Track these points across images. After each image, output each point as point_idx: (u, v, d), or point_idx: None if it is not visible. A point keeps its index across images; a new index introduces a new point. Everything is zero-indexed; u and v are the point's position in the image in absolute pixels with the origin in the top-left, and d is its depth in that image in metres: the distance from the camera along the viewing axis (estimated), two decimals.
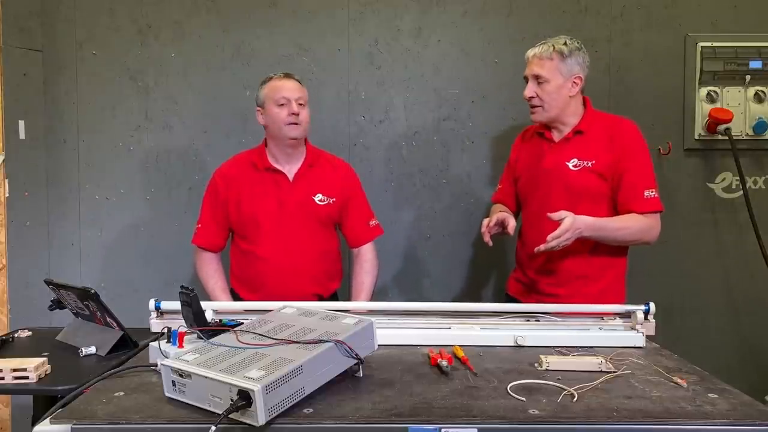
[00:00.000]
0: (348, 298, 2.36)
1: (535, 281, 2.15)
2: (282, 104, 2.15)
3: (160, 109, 2.76)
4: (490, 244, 2.05)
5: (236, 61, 2.75)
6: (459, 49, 2.77)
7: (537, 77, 2.05)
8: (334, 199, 2.24)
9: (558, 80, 2.04)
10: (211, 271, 2.30)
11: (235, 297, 2.30)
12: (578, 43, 2.08)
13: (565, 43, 2.05)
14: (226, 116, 2.76)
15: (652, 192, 2.02)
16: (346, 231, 2.33)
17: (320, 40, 2.75)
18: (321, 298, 2.22)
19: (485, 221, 2.05)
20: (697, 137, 2.74)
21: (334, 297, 2.31)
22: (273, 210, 2.20)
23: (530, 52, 2.09)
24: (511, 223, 2.04)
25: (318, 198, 2.22)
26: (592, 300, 1.98)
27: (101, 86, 2.74)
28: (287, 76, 2.21)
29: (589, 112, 2.12)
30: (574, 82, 2.06)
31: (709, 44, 2.70)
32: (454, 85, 2.77)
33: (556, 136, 2.13)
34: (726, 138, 2.66)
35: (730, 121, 2.64)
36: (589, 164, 2.04)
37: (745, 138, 2.71)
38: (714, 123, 2.67)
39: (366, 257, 2.33)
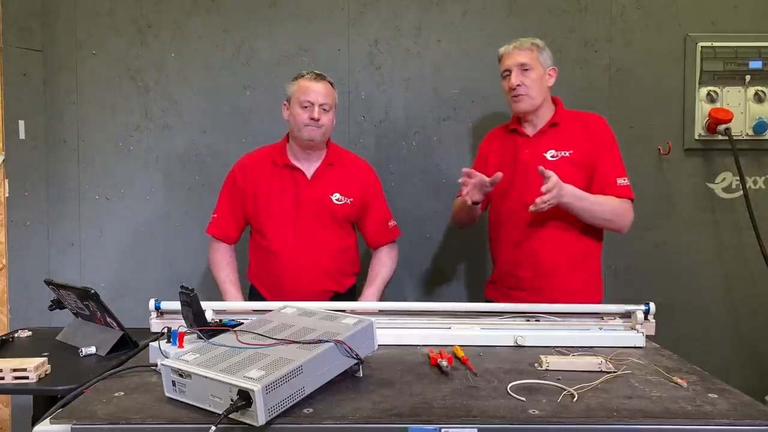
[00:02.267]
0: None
1: (516, 276, 2.17)
2: (305, 106, 2.15)
3: (160, 109, 2.76)
4: (469, 201, 2.08)
5: (236, 61, 2.75)
6: (459, 49, 2.77)
7: (522, 65, 2.12)
8: (351, 200, 2.25)
9: (539, 70, 2.14)
10: (223, 262, 2.30)
11: (254, 291, 2.31)
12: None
13: (535, 39, 2.16)
14: (226, 116, 2.76)
15: (624, 180, 2.11)
16: (365, 232, 2.35)
17: (320, 40, 2.75)
18: (337, 294, 2.23)
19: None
20: (697, 137, 2.74)
21: (350, 292, 2.29)
22: (289, 207, 2.21)
23: (507, 47, 2.17)
24: (488, 178, 2.05)
25: (335, 197, 2.23)
26: (575, 294, 2.05)
27: (101, 86, 2.74)
28: (318, 77, 2.19)
29: (560, 108, 2.20)
30: (549, 74, 2.16)
31: (709, 44, 2.70)
32: (454, 85, 2.77)
33: (530, 131, 2.19)
34: (726, 138, 2.66)
35: (730, 121, 2.64)
36: (567, 154, 2.12)
37: (745, 138, 2.71)
38: (714, 123, 2.67)
39: (385, 254, 2.35)
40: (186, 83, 2.75)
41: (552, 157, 2.12)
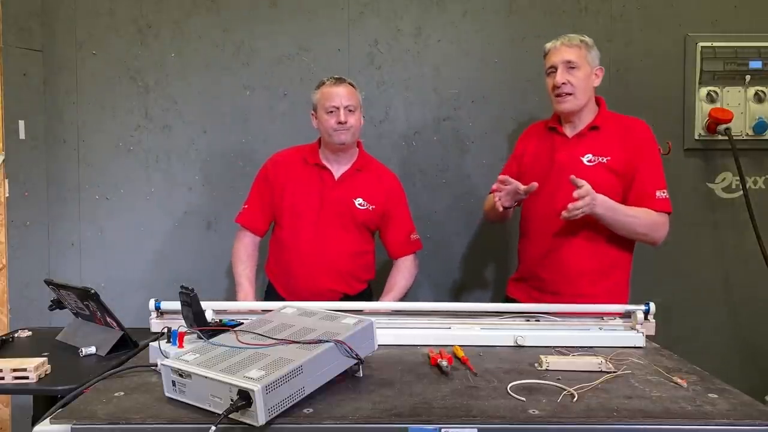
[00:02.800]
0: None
1: (540, 278, 2.13)
2: (331, 111, 2.18)
3: (160, 109, 2.76)
4: (500, 208, 2.04)
5: (236, 61, 2.75)
6: (459, 49, 2.77)
7: (568, 62, 2.04)
8: (374, 207, 2.27)
9: (586, 69, 2.06)
10: (244, 255, 2.32)
11: (270, 288, 2.35)
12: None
13: (584, 36, 2.09)
14: (226, 116, 2.76)
15: (663, 193, 2.04)
16: (387, 242, 2.36)
17: (320, 40, 2.75)
18: (347, 297, 2.24)
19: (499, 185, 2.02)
20: (697, 137, 2.74)
21: (361, 296, 2.30)
22: (313, 204, 2.24)
23: (555, 42, 2.09)
24: (522, 186, 2.00)
25: (358, 202, 2.25)
26: (597, 300, 1.97)
27: (101, 86, 2.74)
28: (338, 81, 2.22)
29: (603, 110, 2.13)
30: (596, 73, 2.09)
31: (709, 44, 2.70)
32: (454, 85, 2.77)
33: (569, 132, 2.13)
34: (726, 138, 2.66)
35: (730, 121, 2.64)
36: (604, 160, 2.05)
37: (745, 138, 2.71)
38: (714, 123, 2.67)
39: (406, 265, 2.35)
40: (186, 83, 2.75)
41: (589, 161, 2.05)
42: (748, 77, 2.69)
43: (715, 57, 2.69)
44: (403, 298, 2.34)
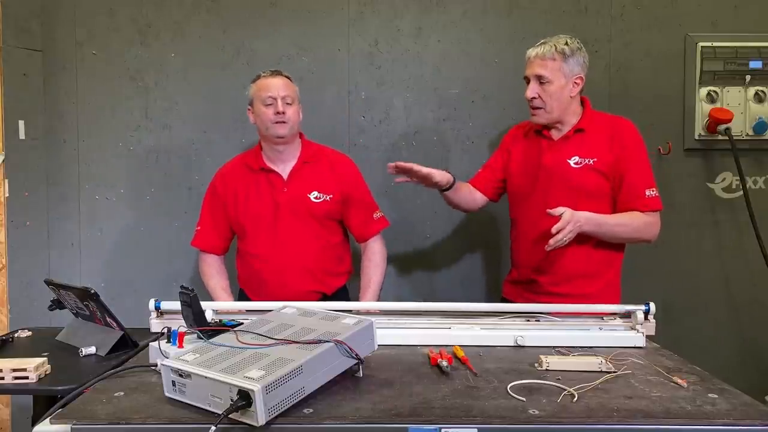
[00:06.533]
0: (358, 295, 2.33)
1: (534, 280, 2.14)
2: (269, 103, 2.14)
3: (160, 109, 2.76)
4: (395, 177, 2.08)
5: (236, 61, 2.75)
6: (459, 49, 2.77)
7: (539, 77, 2.03)
8: (331, 196, 2.23)
9: (560, 81, 2.03)
10: (212, 271, 2.30)
11: (243, 298, 2.31)
12: (578, 42, 2.08)
13: (566, 43, 2.03)
14: (226, 116, 2.76)
15: (653, 191, 2.04)
16: (351, 226, 2.32)
17: (320, 40, 2.75)
18: (324, 296, 2.22)
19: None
20: (697, 137, 2.74)
21: (340, 293, 2.28)
22: (268, 210, 2.20)
23: (531, 52, 2.07)
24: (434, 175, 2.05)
25: (313, 195, 2.21)
26: (591, 299, 1.98)
27: (101, 86, 2.74)
28: (275, 73, 2.20)
29: (587, 111, 2.12)
30: (575, 82, 2.05)
31: (709, 44, 2.70)
32: (454, 85, 2.77)
33: (555, 135, 2.12)
34: (726, 138, 2.66)
35: (730, 121, 2.64)
36: (591, 162, 2.04)
37: (745, 138, 2.71)
38: (714, 123, 2.67)
39: (374, 250, 2.31)
40: (186, 83, 2.75)
41: (576, 164, 2.05)
42: (748, 77, 2.69)
43: (715, 57, 2.69)
44: (383, 297, 2.32)
